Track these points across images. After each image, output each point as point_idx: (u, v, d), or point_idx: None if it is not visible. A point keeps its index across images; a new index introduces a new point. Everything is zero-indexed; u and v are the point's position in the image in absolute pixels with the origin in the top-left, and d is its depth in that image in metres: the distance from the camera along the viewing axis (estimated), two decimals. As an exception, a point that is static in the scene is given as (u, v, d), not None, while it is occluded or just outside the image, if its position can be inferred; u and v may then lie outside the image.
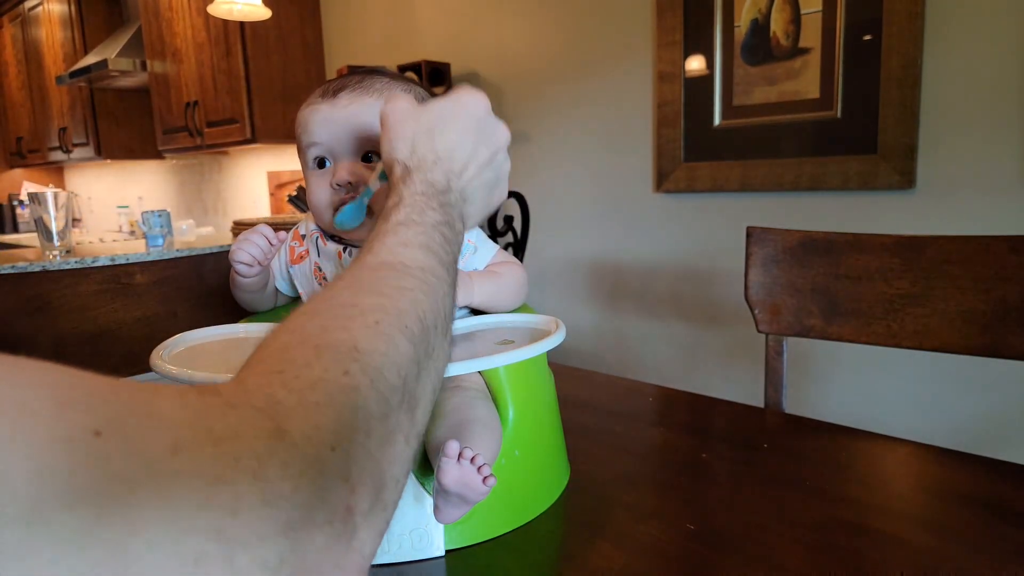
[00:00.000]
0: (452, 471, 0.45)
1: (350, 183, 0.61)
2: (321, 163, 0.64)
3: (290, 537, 0.23)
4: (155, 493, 0.20)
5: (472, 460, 0.46)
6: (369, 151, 0.62)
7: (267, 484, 0.23)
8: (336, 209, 0.62)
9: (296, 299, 0.73)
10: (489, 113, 0.51)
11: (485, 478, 0.46)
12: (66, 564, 0.18)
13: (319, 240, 0.67)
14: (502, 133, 0.53)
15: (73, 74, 3.52)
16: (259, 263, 0.65)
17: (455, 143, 0.48)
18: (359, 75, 0.65)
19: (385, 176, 0.52)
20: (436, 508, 0.49)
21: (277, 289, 0.71)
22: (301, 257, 0.68)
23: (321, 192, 0.64)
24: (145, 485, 0.20)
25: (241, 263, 0.64)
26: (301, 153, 0.65)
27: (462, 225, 0.48)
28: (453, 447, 0.45)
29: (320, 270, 0.66)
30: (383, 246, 0.41)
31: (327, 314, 0.33)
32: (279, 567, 0.23)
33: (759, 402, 0.95)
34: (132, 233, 3.80)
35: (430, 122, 0.48)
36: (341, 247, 0.66)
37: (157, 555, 0.20)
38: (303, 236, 0.69)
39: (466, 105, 0.50)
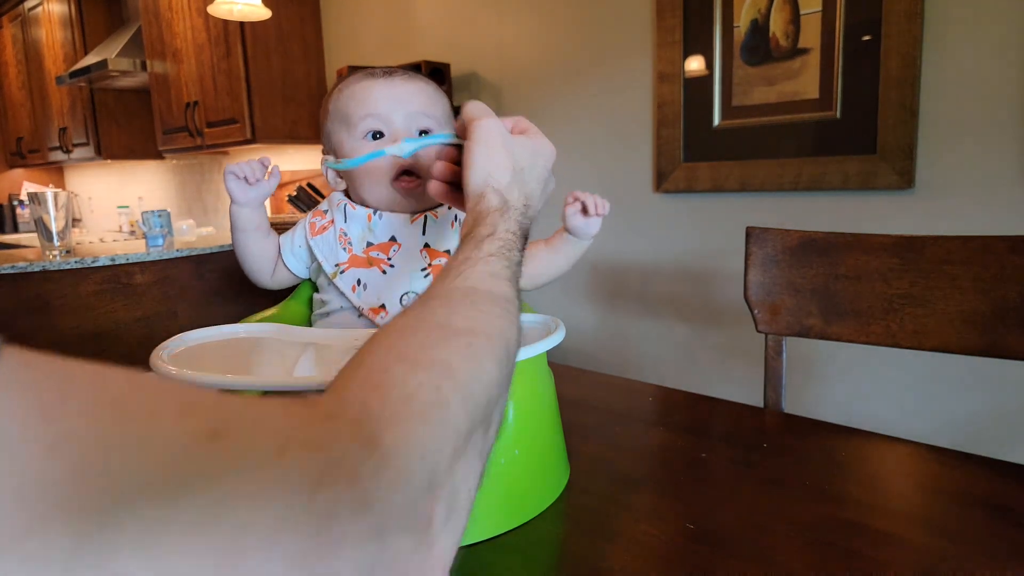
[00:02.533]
0: None
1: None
2: (376, 136, 0.65)
3: (380, 541, 0.25)
4: (262, 493, 0.22)
5: None
6: (421, 129, 0.66)
7: (362, 490, 0.24)
8: (397, 176, 0.65)
9: (306, 282, 0.73)
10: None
11: None
12: (190, 545, 0.20)
13: (347, 207, 0.68)
14: (553, 186, 0.56)
15: (73, 74, 3.52)
16: (248, 181, 0.67)
17: (534, 191, 0.52)
18: (401, 68, 0.69)
19: (456, 137, 0.56)
20: None
21: (283, 263, 0.72)
22: (324, 228, 0.69)
23: (377, 163, 0.65)
24: (254, 483, 0.22)
25: (232, 175, 0.67)
26: (343, 128, 0.66)
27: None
28: None
29: (346, 235, 0.67)
30: (474, 272, 0.42)
31: (423, 332, 0.35)
32: (372, 569, 0.24)
33: (758, 402, 0.95)
34: (132, 233, 3.80)
35: (520, 162, 0.51)
36: (371, 210, 0.67)
37: (268, 551, 0.21)
38: (324, 211, 0.70)
39: (544, 153, 0.53)
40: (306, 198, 2.47)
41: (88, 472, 0.19)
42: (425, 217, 0.67)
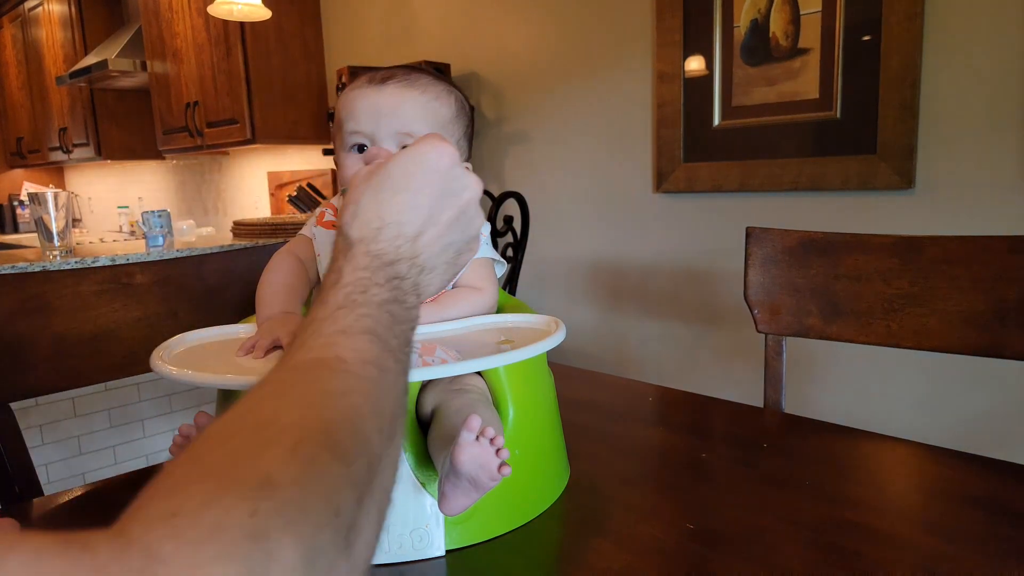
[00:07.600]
0: (470, 448, 0.44)
1: None
2: (360, 148, 0.65)
3: None
4: None
5: (492, 441, 0.45)
6: (405, 144, 0.64)
7: None
8: None
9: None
10: (455, 165, 0.45)
11: (500, 465, 0.45)
12: None
13: None
14: (472, 188, 0.46)
15: (73, 74, 3.52)
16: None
17: (408, 204, 0.42)
18: (406, 69, 0.67)
19: None
20: (442, 496, 0.47)
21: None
22: (331, 223, 0.69)
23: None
24: None
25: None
26: (339, 135, 0.67)
27: (416, 298, 0.42)
28: (475, 421, 0.44)
29: None
30: (319, 338, 0.35)
31: (239, 437, 0.28)
32: None
33: (758, 402, 0.95)
34: (132, 233, 3.80)
35: (380, 183, 0.43)
36: None
37: None
38: (337, 207, 0.70)
39: (426, 159, 0.44)
40: (306, 198, 2.47)
41: None
42: None
